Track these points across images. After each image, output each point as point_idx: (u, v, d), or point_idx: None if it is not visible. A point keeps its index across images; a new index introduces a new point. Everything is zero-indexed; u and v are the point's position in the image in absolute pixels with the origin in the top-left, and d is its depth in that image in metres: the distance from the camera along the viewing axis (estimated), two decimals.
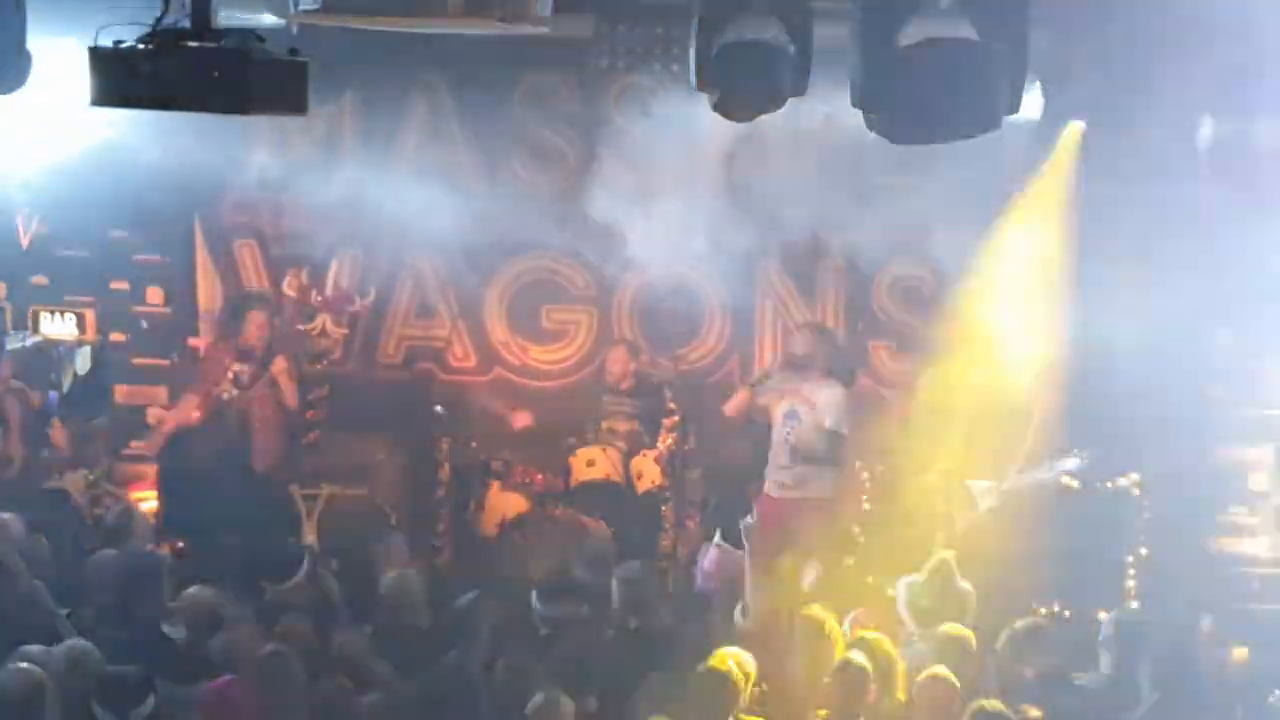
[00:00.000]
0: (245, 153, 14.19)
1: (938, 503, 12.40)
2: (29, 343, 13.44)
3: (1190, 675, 9.93)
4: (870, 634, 10.20)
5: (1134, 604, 12.16)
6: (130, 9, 9.17)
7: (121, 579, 10.81)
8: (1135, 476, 12.38)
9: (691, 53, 10.01)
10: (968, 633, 10.13)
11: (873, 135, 9.49)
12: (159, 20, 8.92)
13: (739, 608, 11.34)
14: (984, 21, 8.23)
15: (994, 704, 9.25)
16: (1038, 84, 10.68)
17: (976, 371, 12.73)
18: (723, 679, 9.52)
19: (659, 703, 9.52)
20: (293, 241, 14.25)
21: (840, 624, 10.46)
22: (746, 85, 12.00)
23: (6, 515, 11.39)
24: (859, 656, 9.81)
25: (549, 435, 13.62)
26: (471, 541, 13.54)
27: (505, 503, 13.51)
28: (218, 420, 13.41)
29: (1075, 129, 12.04)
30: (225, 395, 13.36)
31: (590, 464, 13.59)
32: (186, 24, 9.08)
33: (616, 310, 14.27)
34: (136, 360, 14.45)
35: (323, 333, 13.00)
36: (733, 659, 9.71)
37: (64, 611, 10.61)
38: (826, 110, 12.34)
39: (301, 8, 9.92)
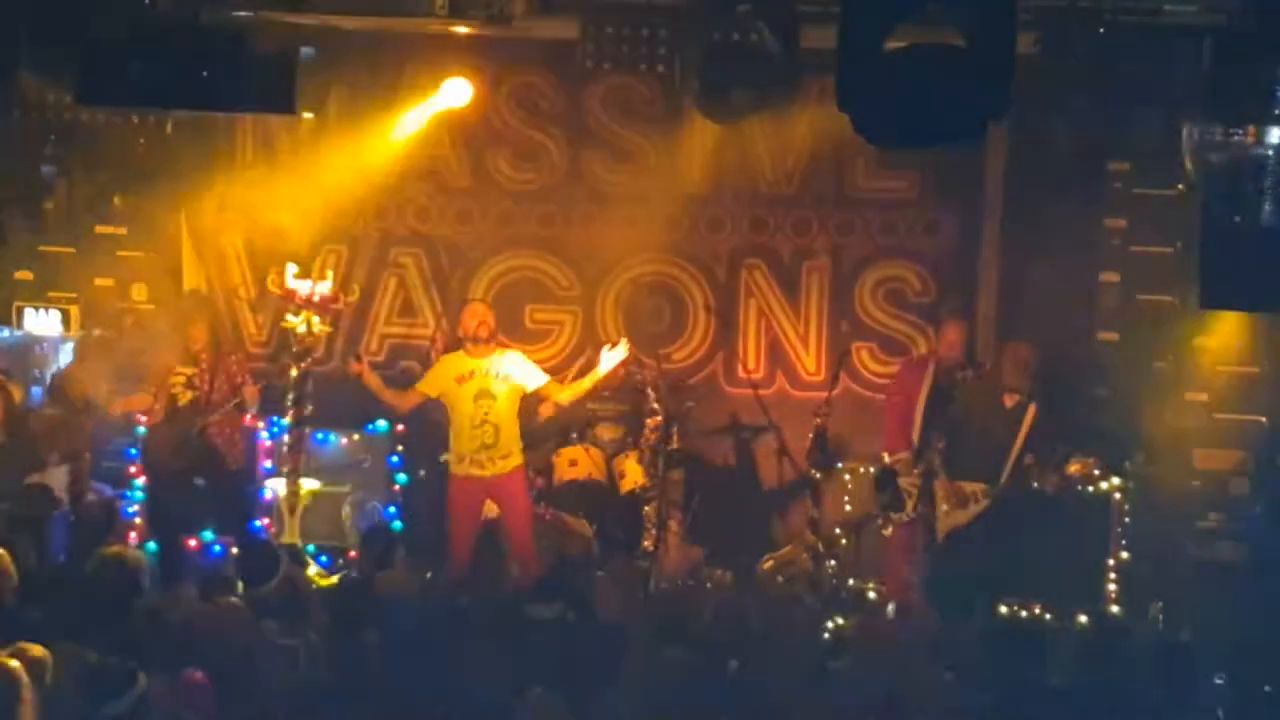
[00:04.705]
0: (231, 150, 14.24)
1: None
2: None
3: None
4: None
5: (1114, 608, 12.19)
6: (119, 8, 9.19)
7: (104, 574, 10.79)
8: (1116, 482, 12.41)
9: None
10: None
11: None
12: (147, 20, 8.95)
13: None
14: (970, 27, 8.23)
15: None
16: None
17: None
18: None
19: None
20: (278, 238, 14.26)
21: None
22: (732, 88, 12.12)
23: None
24: None
25: (531, 435, 13.58)
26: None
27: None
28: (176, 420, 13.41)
29: None
30: (178, 394, 13.36)
31: (573, 463, 13.59)
32: (174, 23, 9.11)
33: (600, 310, 14.26)
34: None
35: (308, 331, 12.95)
36: None
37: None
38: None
39: None
